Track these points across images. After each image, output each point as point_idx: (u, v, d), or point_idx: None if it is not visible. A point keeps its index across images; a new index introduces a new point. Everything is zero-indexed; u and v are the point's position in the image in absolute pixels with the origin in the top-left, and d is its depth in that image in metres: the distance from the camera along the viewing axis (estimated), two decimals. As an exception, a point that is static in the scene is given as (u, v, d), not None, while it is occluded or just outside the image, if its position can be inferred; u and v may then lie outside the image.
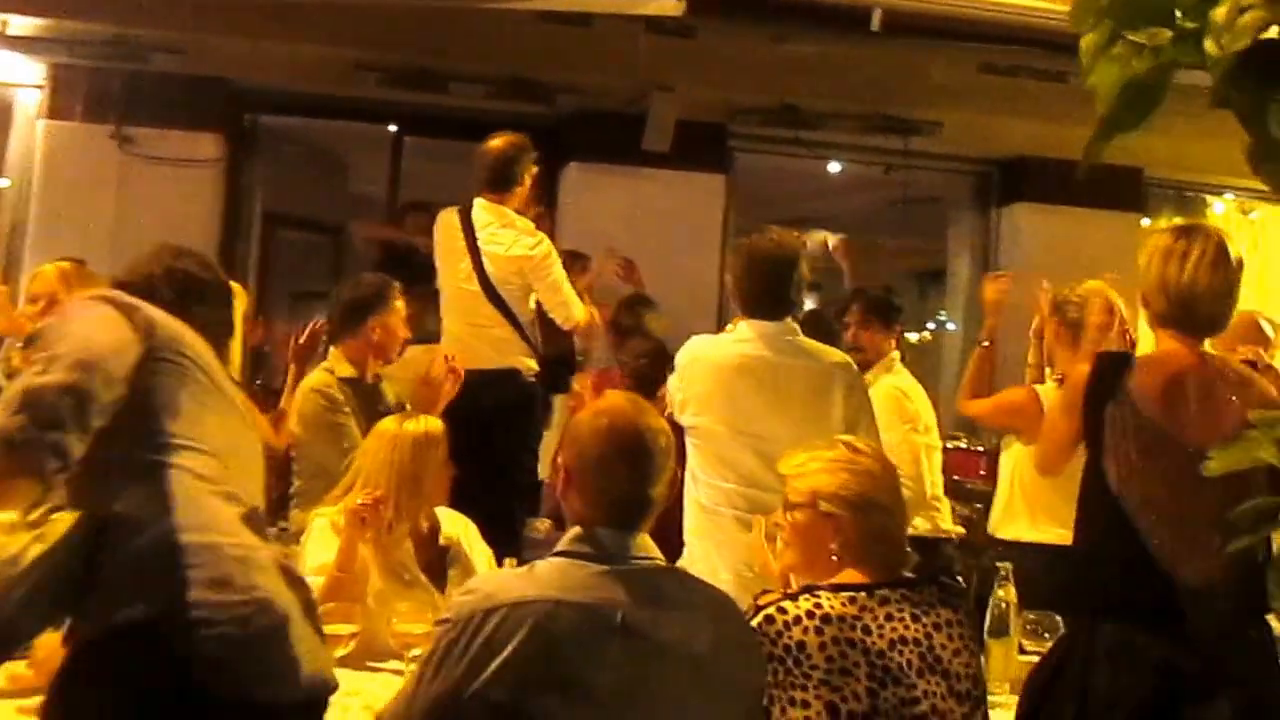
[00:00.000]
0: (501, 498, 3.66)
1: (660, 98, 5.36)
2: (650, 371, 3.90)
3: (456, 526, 2.91)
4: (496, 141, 4.02)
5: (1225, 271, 2.25)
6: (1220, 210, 6.76)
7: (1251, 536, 1.00)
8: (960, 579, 3.14)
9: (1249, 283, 7.14)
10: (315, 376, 3.53)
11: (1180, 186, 6.41)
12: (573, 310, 4.01)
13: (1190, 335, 2.27)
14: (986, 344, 3.84)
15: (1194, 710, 2.07)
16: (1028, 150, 6.07)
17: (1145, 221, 6.25)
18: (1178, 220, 2.42)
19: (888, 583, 2.01)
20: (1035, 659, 2.62)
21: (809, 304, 4.51)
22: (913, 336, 9.09)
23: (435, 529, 2.87)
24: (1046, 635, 2.62)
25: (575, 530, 1.83)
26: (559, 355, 4.26)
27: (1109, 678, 2.12)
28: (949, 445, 4.55)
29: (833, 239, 5.17)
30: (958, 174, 6.62)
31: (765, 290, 3.01)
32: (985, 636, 2.67)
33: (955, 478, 4.57)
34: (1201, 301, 2.25)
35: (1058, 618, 2.64)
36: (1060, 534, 2.86)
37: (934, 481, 4.02)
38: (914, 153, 5.87)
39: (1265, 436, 1.00)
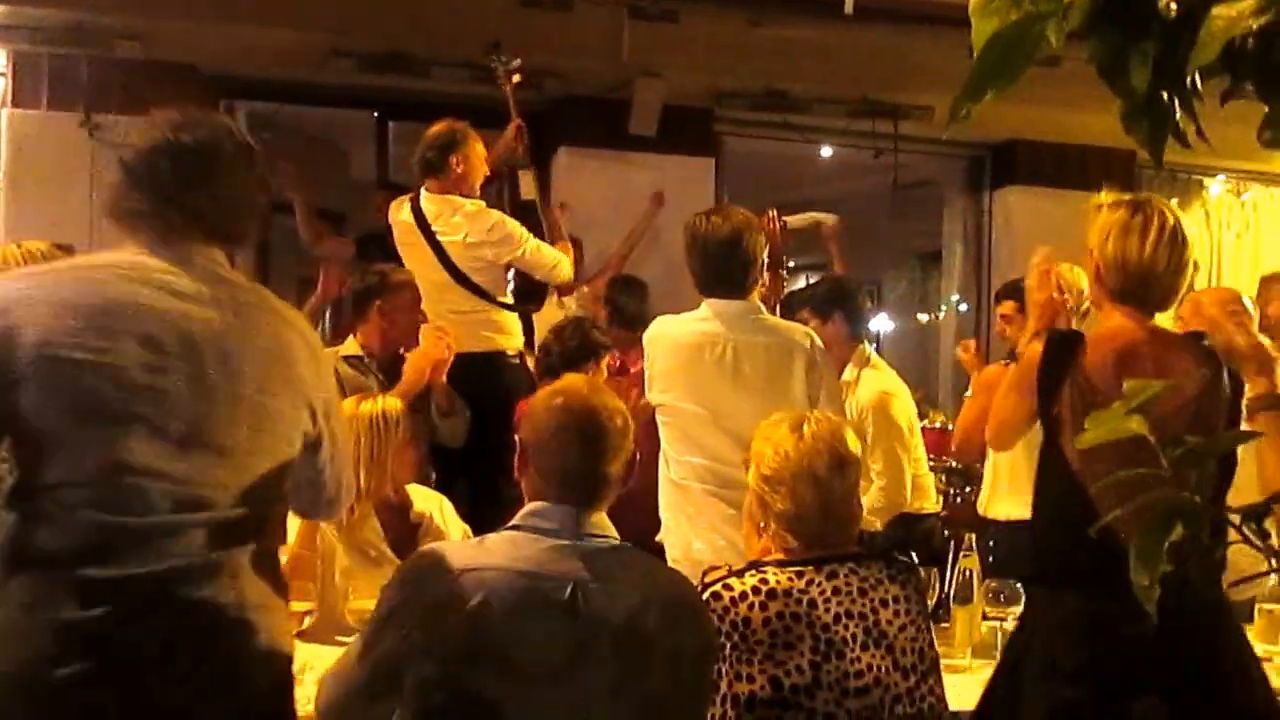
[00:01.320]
0: (490, 478, 3.65)
1: (645, 83, 5.33)
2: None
3: (429, 503, 2.94)
4: (435, 128, 4.01)
5: (1183, 249, 2.25)
6: (1216, 192, 6.74)
7: (1144, 499, 1.00)
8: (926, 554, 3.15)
9: (1242, 263, 7.16)
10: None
11: (1173, 169, 6.38)
12: (563, 268, 4.04)
13: (1143, 310, 2.26)
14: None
15: (1156, 677, 2.09)
16: (1019, 134, 6.04)
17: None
18: (1127, 195, 2.35)
19: (835, 557, 2.04)
20: (996, 624, 2.74)
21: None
22: (923, 317, 9.13)
23: (406, 506, 2.89)
24: (1008, 602, 2.68)
25: (530, 505, 1.84)
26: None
27: (1073, 648, 2.14)
28: (923, 424, 4.52)
29: (827, 220, 5.05)
30: (950, 158, 6.61)
31: (713, 269, 3.03)
32: (950, 604, 2.77)
33: (930, 457, 4.54)
34: (1162, 278, 2.24)
35: (1018, 585, 2.68)
36: None
37: (918, 459, 3.99)
38: (905, 137, 5.84)
39: (1125, 406, 0.97)
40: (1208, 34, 0.98)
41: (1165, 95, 1.09)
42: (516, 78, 4.45)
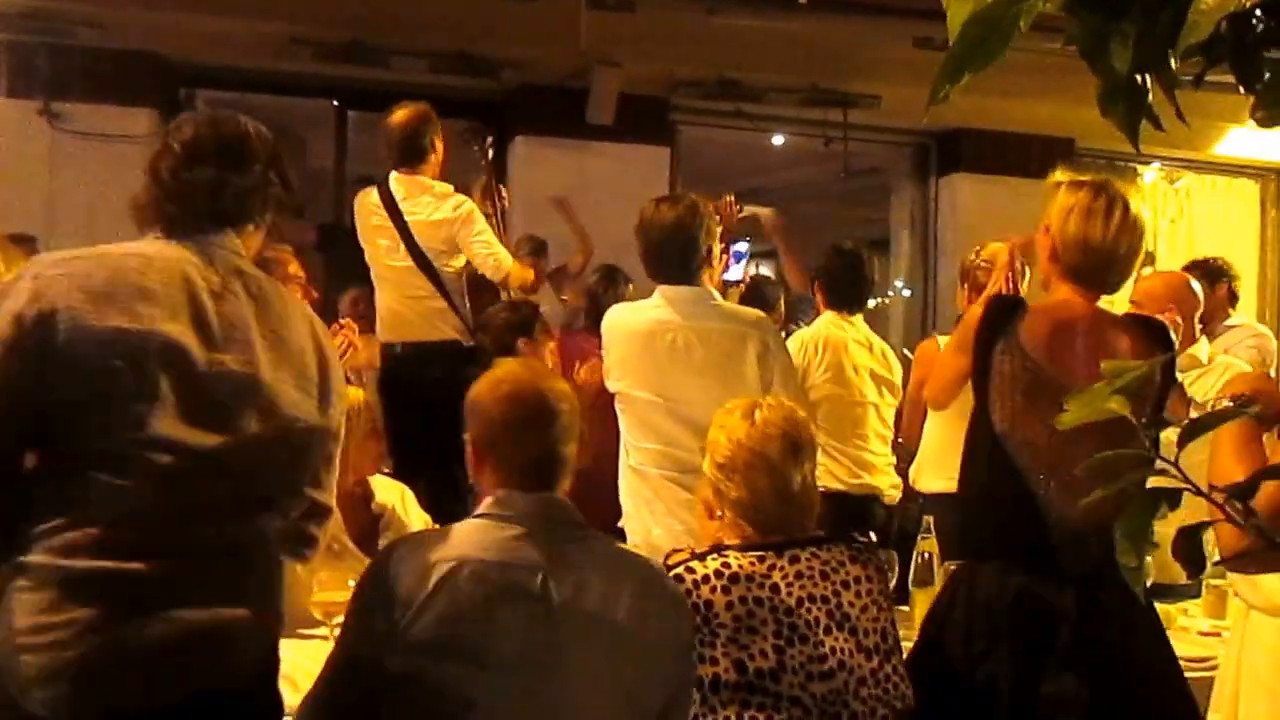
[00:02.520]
0: (447, 467, 3.69)
1: (602, 72, 5.39)
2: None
3: (390, 494, 2.92)
4: (399, 115, 3.96)
5: (1142, 234, 2.27)
6: (1150, 179, 6.93)
7: (1121, 482, 1.00)
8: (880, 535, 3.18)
9: (1177, 249, 7.36)
10: None
11: (1111, 156, 6.55)
12: (501, 260, 3.97)
13: (1091, 290, 2.28)
14: None
15: (1072, 647, 2.11)
16: (963, 122, 6.17)
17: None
18: (1086, 176, 2.37)
19: (797, 541, 2.03)
20: None
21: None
22: (870, 303, 9.24)
23: (368, 498, 2.87)
24: None
25: (494, 494, 1.83)
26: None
27: (990, 618, 2.15)
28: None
29: (763, 213, 5.12)
30: (897, 146, 6.72)
31: (662, 256, 3.05)
32: (910, 586, 2.75)
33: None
34: (1119, 262, 2.26)
35: None
36: None
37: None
38: (853, 125, 5.95)
39: (1109, 387, 0.98)
40: (1198, 13, 0.95)
41: (1141, 77, 1.07)
42: (490, 154, 4.50)
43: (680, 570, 1.96)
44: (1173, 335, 2.63)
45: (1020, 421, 2.16)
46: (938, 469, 3.42)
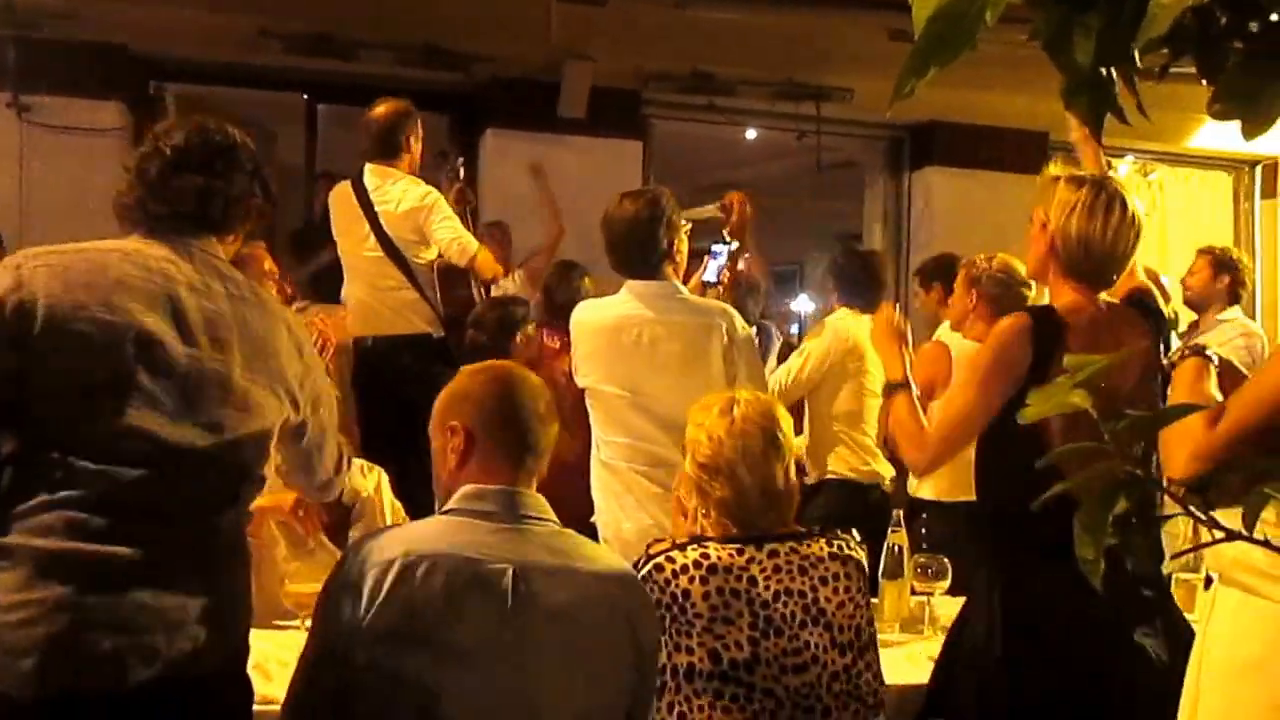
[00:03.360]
0: (419, 459, 3.68)
1: (574, 65, 5.38)
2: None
3: (367, 479, 2.91)
4: (379, 109, 4.00)
5: (1140, 231, 2.27)
6: (1123, 172, 6.99)
7: (1080, 476, 1.01)
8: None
9: (1151, 242, 7.42)
10: None
11: (1084, 149, 6.59)
12: (466, 245, 4.00)
13: (1094, 288, 2.28)
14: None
15: (1137, 634, 2.17)
16: (937, 115, 6.20)
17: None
18: (1083, 171, 2.37)
19: (777, 535, 2.05)
20: (924, 599, 2.75)
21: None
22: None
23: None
24: (936, 577, 2.72)
25: (465, 488, 1.83)
26: (459, 314, 4.26)
27: (1066, 614, 2.14)
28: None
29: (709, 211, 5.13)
30: (870, 139, 6.74)
31: (625, 251, 3.06)
32: (880, 578, 2.77)
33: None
34: (1121, 260, 2.27)
35: (945, 560, 2.73)
36: None
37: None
38: (826, 119, 5.96)
39: (1070, 381, 0.97)
40: (1158, 6, 0.95)
41: (1106, 71, 1.06)
42: (461, 174, 4.51)
43: (660, 559, 1.98)
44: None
45: (1071, 435, 2.14)
46: (941, 477, 3.46)
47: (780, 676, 1.96)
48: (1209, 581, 3.01)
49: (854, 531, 2.16)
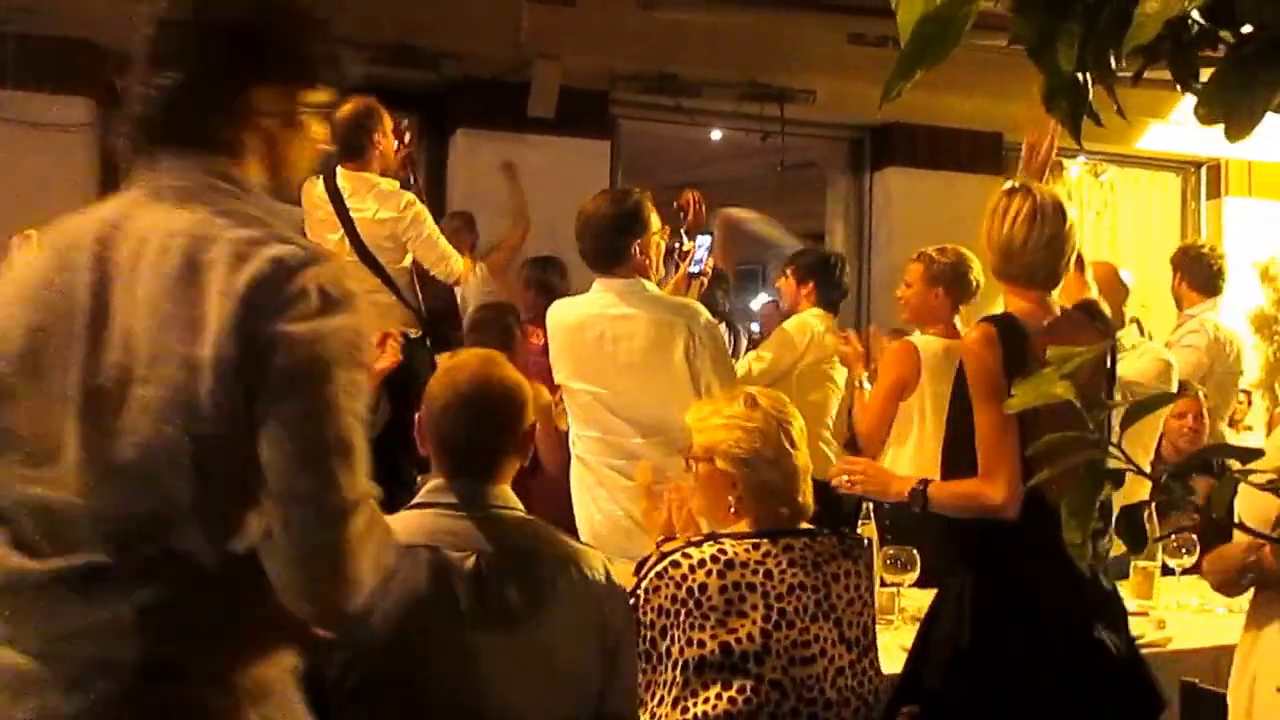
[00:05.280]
0: (393, 457, 3.71)
1: (543, 65, 5.40)
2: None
3: None
4: (343, 110, 3.92)
5: (1044, 226, 2.33)
6: (1075, 173, 7.14)
7: (1050, 469, 1.04)
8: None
9: (1102, 240, 7.58)
10: None
11: (1037, 151, 6.73)
12: (452, 264, 4.02)
13: (1031, 290, 2.37)
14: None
15: (1098, 628, 2.25)
16: (896, 117, 6.30)
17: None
18: (1016, 183, 2.47)
19: (791, 531, 2.10)
20: (893, 589, 2.81)
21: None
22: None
23: None
24: (905, 568, 2.79)
25: (430, 483, 1.85)
26: (440, 311, 4.29)
27: (1034, 608, 2.25)
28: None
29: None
30: (832, 140, 6.81)
31: (596, 249, 3.10)
32: None
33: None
34: (1020, 254, 2.34)
35: (914, 551, 2.79)
36: None
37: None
38: (790, 120, 6.02)
39: (1056, 372, 1.00)
40: (1144, 14, 0.97)
41: (1083, 75, 1.10)
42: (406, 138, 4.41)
43: (676, 555, 2.02)
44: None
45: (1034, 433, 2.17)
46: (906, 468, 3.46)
47: (789, 668, 1.99)
48: (1166, 569, 3.14)
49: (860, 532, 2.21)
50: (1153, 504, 1.05)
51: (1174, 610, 3.10)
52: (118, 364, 1.27)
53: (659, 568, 2.02)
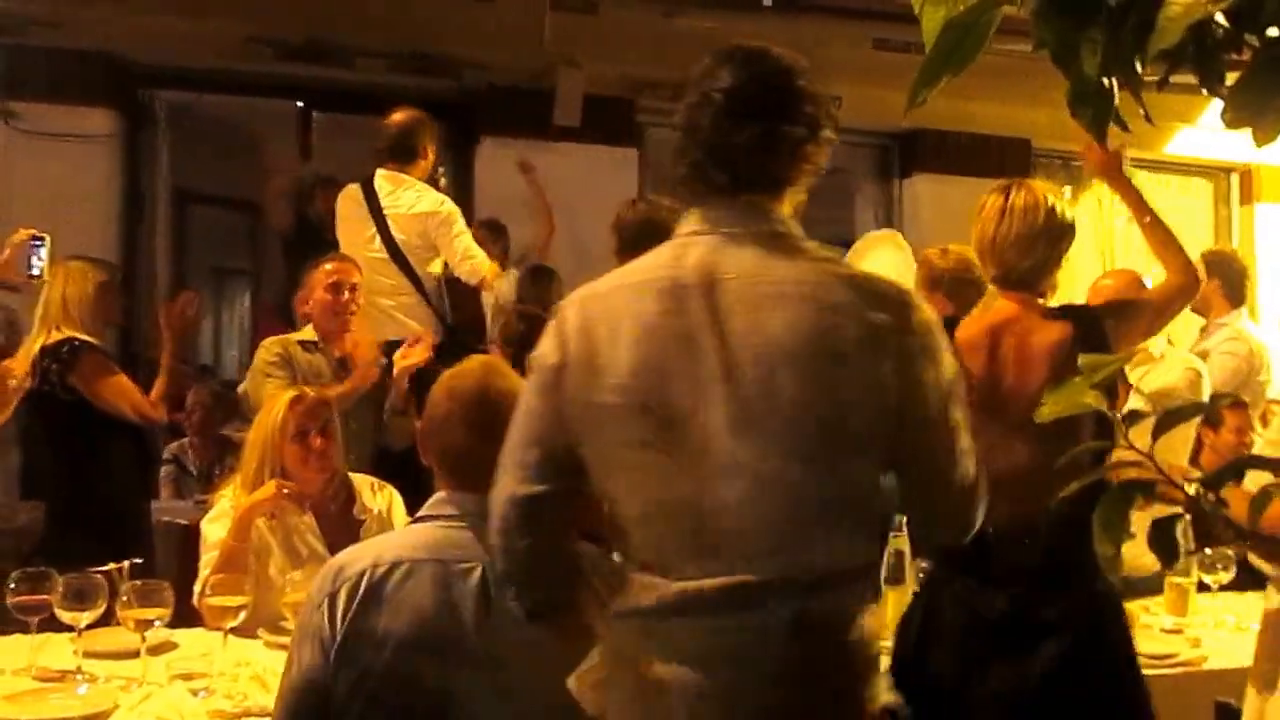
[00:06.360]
0: (416, 465, 3.68)
1: (567, 73, 5.39)
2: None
3: (377, 500, 2.90)
4: (398, 115, 4.06)
5: (1021, 220, 2.27)
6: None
7: (1078, 481, 1.03)
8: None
9: (1131, 246, 7.45)
10: (272, 338, 3.65)
11: (1065, 156, 6.63)
12: (478, 264, 4.03)
13: (1015, 291, 2.31)
14: None
15: (1008, 652, 2.14)
16: (922, 123, 6.24)
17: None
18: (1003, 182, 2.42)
19: None
20: None
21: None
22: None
23: (351, 500, 2.86)
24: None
25: (434, 496, 1.83)
26: (466, 323, 4.27)
27: (937, 620, 2.22)
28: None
29: None
30: (859, 146, 6.76)
31: (638, 254, 3.09)
32: (882, 584, 2.73)
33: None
34: (998, 251, 2.29)
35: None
36: None
37: None
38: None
39: (1086, 381, 0.99)
40: (1167, 18, 0.97)
41: (1108, 81, 1.09)
42: (442, 182, 4.56)
43: None
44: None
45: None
46: None
47: None
48: (1202, 586, 3.05)
49: None
50: (1188, 517, 1.02)
51: (1209, 628, 3.00)
52: (759, 397, 1.42)
53: None
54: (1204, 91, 1.11)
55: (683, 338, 1.45)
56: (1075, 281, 3.21)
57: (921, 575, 2.73)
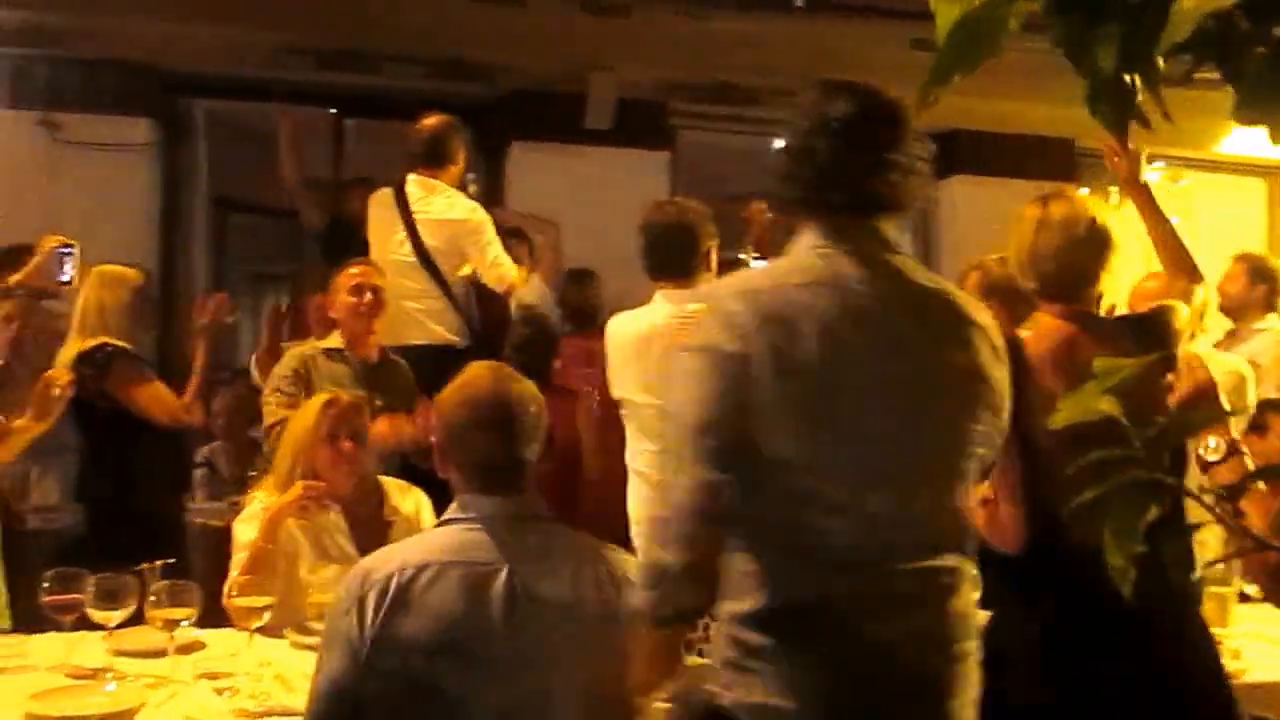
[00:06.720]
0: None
1: (598, 77, 5.39)
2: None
3: (407, 502, 2.92)
4: (429, 120, 4.10)
5: (1062, 232, 2.24)
6: (1153, 179, 6.88)
7: (1095, 489, 0.99)
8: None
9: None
10: (295, 348, 3.70)
11: (1112, 157, 6.53)
12: (505, 271, 4.03)
13: (1059, 303, 2.28)
14: None
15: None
16: (961, 124, 6.16)
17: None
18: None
19: None
20: None
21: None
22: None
23: (381, 501, 2.90)
24: None
25: (457, 500, 1.85)
26: (493, 325, 4.28)
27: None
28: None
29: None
30: (896, 148, 6.70)
31: (664, 259, 3.10)
32: None
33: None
34: (1038, 263, 2.27)
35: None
36: None
37: None
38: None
39: (1099, 387, 0.98)
40: (1179, 13, 0.97)
41: (1128, 77, 1.07)
42: (471, 189, 4.56)
43: None
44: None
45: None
46: None
47: None
48: (1244, 596, 2.98)
49: None
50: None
51: (1251, 640, 2.93)
52: (920, 398, 1.63)
53: None
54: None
55: (857, 337, 1.60)
56: (1121, 283, 3.18)
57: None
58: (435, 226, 4.00)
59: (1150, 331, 2.28)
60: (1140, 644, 2.08)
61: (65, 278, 3.33)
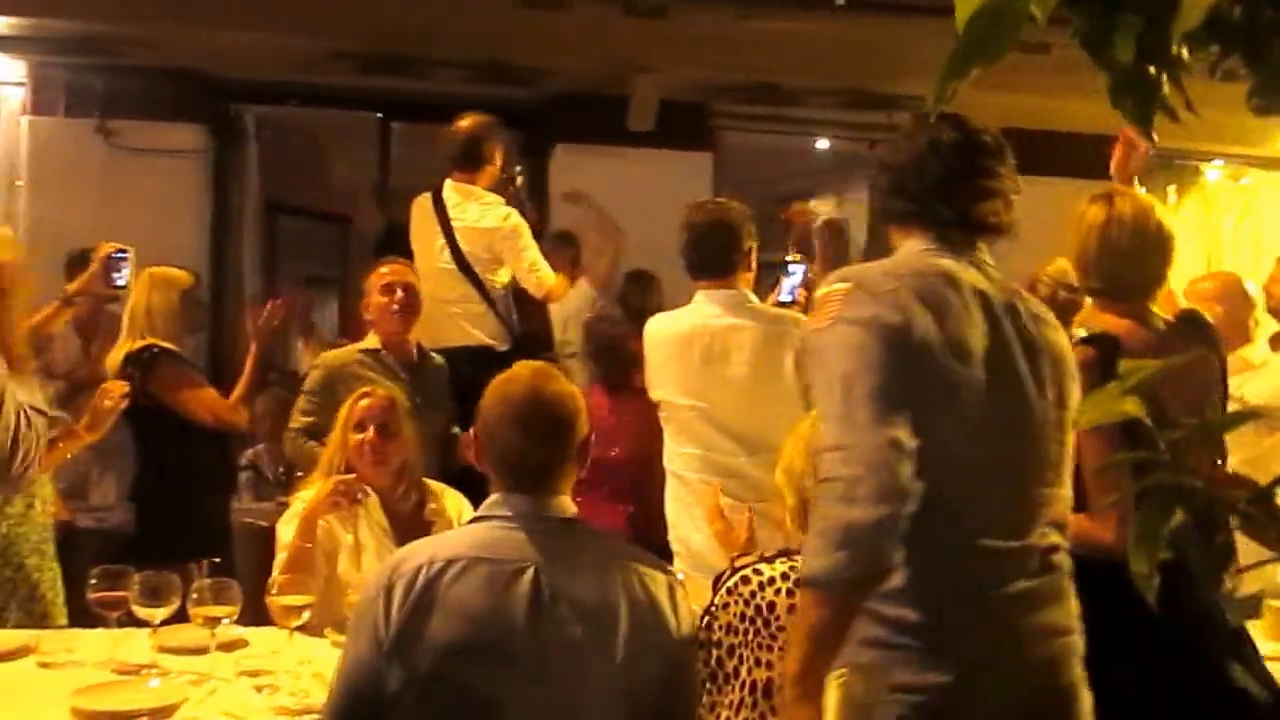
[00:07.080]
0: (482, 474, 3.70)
1: (641, 79, 5.40)
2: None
3: (451, 503, 2.94)
4: (464, 122, 4.09)
5: (1125, 232, 2.23)
6: (1213, 178, 6.74)
7: (1135, 486, 0.97)
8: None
9: (1242, 248, 7.13)
10: (330, 353, 3.73)
11: (1170, 155, 6.39)
12: (543, 276, 4.03)
13: (1121, 304, 2.26)
14: None
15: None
16: (1010, 122, 6.04)
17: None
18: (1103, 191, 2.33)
19: None
20: None
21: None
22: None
23: (423, 501, 2.91)
24: None
25: (490, 498, 1.86)
26: (533, 330, 4.29)
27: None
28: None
29: (819, 212, 5.07)
30: (943, 147, 6.61)
31: (705, 257, 3.08)
32: None
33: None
34: (1100, 263, 2.26)
35: None
36: None
37: None
38: (898, 127, 5.87)
39: (1120, 387, 0.95)
40: (1190, 2, 0.96)
41: (1152, 69, 1.06)
42: (519, 180, 4.52)
43: (748, 570, 1.97)
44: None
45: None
46: None
47: None
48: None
49: None
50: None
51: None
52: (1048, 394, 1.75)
53: (730, 583, 1.97)
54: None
55: (996, 330, 1.70)
56: (1178, 283, 3.13)
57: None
58: (471, 234, 4.02)
59: (1202, 331, 2.28)
60: (1173, 653, 2.05)
61: (121, 282, 3.39)
